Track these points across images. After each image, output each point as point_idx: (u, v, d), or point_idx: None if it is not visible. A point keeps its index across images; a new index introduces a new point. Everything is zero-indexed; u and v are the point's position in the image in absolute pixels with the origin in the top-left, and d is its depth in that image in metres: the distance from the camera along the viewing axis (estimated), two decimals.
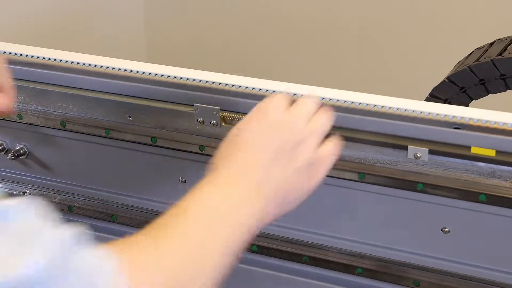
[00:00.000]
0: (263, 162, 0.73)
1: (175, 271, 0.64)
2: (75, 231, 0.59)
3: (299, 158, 0.74)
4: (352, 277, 0.96)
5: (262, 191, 0.72)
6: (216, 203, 0.70)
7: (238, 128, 0.76)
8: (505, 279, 0.88)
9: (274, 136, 0.74)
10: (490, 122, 0.82)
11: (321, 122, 0.77)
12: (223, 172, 0.73)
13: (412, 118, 0.85)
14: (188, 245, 0.66)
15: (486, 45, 1.17)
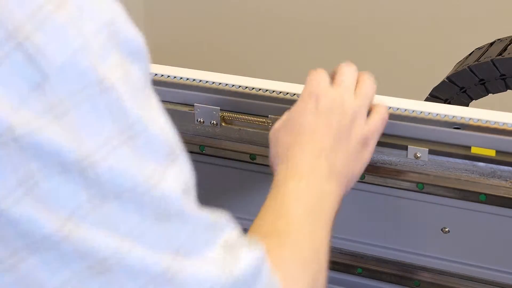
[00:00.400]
0: (328, 147, 0.75)
1: (308, 265, 0.67)
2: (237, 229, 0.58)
3: (354, 135, 0.77)
4: (352, 277, 0.96)
5: (333, 175, 0.75)
6: (307, 198, 0.72)
7: (293, 113, 0.78)
8: (505, 279, 0.88)
9: (330, 119, 0.76)
10: (490, 122, 0.82)
11: (365, 90, 0.80)
12: (295, 165, 0.74)
13: (412, 118, 0.85)
14: (304, 241, 0.68)
15: (486, 45, 1.17)
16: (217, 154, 0.96)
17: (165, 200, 0.50)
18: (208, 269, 0.52)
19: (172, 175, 0.51)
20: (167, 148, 0.50)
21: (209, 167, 0.98)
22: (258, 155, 0.93)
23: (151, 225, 0.49)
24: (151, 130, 0.48)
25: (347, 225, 0.94)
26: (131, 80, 0.47)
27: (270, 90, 0.91)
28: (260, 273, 0.55)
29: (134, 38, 0.48)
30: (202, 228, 0.54)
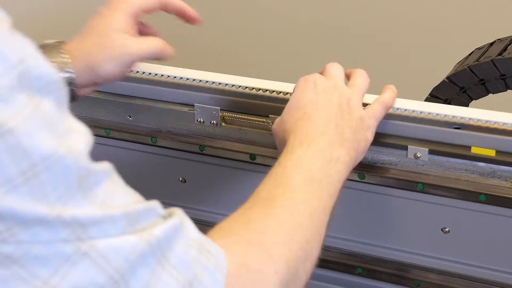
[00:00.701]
0: (334, 117, 0.78)
1: (298, 232, 0.68)
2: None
3: (353, 113, 0.80)
4: (352, 277, 0.96)
5: (344, 141, 0.77)
6: (313, 163, 0.74)
7: (293, 97, 0.81)
8: (505, 279, 0.88)
9: (330, 98, 0.80)
10: (490, 122, 0.82)
11: (357, 82, 0.84)
12: (304, 132, 0.77)
13: (412, 118, 0.85)
14: (297, 210, 0.69)
15: (486, 45, 1.17)
16: (217, 154, 0.96)
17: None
18: (127, 238, 0.53)
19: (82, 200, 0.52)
20: (77, 174, 0.51)
21: (209, 167, 0.98)
22: (258, 155, 0.93)
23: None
24: (58, 163, 0.50)
25: (347, 225, 0.94)
26: (41, 114, 0.49)
27: (270, 90, 0.91)
28: (175, 239, 0.56)
29: (46, 72, 0.50)
30: (123, 194, 0.55)
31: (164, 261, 0.55)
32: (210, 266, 0.58)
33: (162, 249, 0.55)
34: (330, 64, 0.85)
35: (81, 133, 0.53)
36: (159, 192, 1.03)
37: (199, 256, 0.58)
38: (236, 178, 0.97)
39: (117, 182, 0.56)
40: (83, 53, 0.84)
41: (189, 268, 0.56)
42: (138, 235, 0.54)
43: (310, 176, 0.73)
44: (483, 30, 1.68)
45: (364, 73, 0.86)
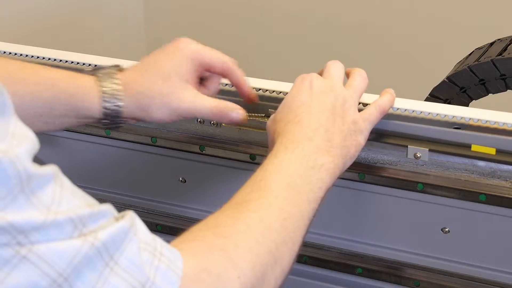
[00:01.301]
0: (325, 122, 0.78)
1: (267, 236, 0.67)
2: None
3: (347, 117, 0.80)
4: (352, 277, 0.96)
5: (329, 149, 0.77)
6: (294, 168, 0.73)
7: (288, 96, 0.81)
8: (505, 279, 0.88)
9: (324, 100, 0.79)
10: (490, 122, 0.82)
11: (355, 83, 0.84)
12: (291, 136, 0.76)
13: (412, 118, 0.85)
14: (270, 214, 0.69)
15: (486, 45, 1.17)
16: (217, 154, 0.96)
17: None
18: (71, 242, 0.53)
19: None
20: (17, 178, 0.51)
21: (209, 167, 0.98)
22: (258, 155, 0.93)
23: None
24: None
25: (347, 225, 0.94)
26: None
27: (270, 90, 0.91)
28: (124, 242, 0.56)
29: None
30: (70, 197, 0.55)
31: (112, 264, 0.55)
32: (162, 266, 0.57)
33: (110, 252, 0.55)
34: (331, 62, 0.85)
35: (24, 138, 0.53)
36: (159, 192, 1.03)
37: (152, 259, 0.57)
38: (236, 178, 0.97)
39: (65, 186, 0.55)
40: (138, 91, 0.81)
41: (141, 271, 0.56)
42: (82, 238, 0.53)
43: (289, 181, 0.72)
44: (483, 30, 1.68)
45: (363, 74, 0.85)
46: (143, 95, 0.81)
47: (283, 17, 2.14)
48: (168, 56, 0.83)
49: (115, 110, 0.81)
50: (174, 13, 2.25)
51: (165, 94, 0.81)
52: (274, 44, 2.17)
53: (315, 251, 0.97)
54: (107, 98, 0.81)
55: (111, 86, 0.81)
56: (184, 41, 0.85)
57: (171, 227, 1.03)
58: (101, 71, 0.83)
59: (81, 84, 0.81)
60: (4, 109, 0.52)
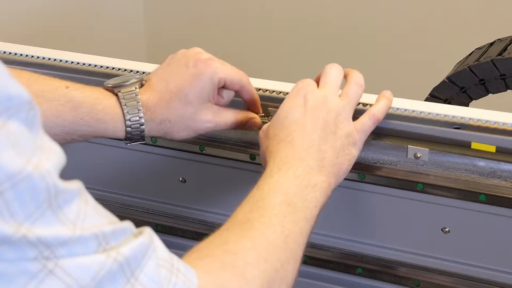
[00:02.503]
0: (317, 141, 0.78)
1: (271, 255, 0.68)
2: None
3: (340, 131, 0.80)
4: (352, 277, 0.96)
5: (322, 168, 0.77)
6: (290, 188, 0.74)
7: (282, 110, 0.81)
8: (505, 279, 0.88)
9: (317, 116, 0.79)
10: (490, 122, 0.82)
11: (350, 92, 0.83)
12: (284, 157, 0.77)
13: (412, 118, 0.85)
14: (272, 233, 0.69)
15: (486, 45, 1.17)
16: (217, 154, 0.96)
17: None
18: (95, 257, 0.53)
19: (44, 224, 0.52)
20: (46, 193, 0.51)
21: (209, 167, 0.98)
22: (258, 155, 0.93)
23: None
24: (26, 181, 0.50)
25: (347, 225, 0.94)
26: (6, 134, 0.50)
27: (270, 90, 0.91)
28: (144, 258, 0.56)
29: (15, 93, 0.51)
30: (94, 214, 0.55)
31: (133, 280, 0.55)
32: (179, 283, 0.58)
33: (132, 268, 0.55)
34: (328, 67, 0.85)
35: (52, 152, 0.53)
36: (159, 192, 1.03)
37: (170, 275, 0.58)
38: (236, 178, 0.97)
39: (89, 202, 0.55)
40: (161, 118, 0.84)
41: (160, 287, 0.56)
42: (106, 253, 0.54)
43: (286, 200, 0.73)
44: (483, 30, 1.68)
45: (360, 79, 0.84)
46: (166, 122, 0.85)
47: (283, 17, 2.14)
48: (191, 82, 0.85)
49: (138, 134, 0.84)
50: (174, 13, 2.25)
51: (187, 118, 0.85)
52: (274, 44, 2.17)
53: (315, 251, 0.97)
54: (131, 125, 0.84)
55: (135, 113, 0.83)
56: (204, 62, 0.85)
57: (171, 227, 1.03)
58: (123, 91, 0.84)
59: (104, 110, 0.83)
60: (33, 123, 0.52)
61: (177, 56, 0.87)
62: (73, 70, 0.99)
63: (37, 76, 0.86)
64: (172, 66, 0.86)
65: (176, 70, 0.85)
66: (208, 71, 0.85)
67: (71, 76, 0.98)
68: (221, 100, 0.87)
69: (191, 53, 0.86)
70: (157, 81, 0.86)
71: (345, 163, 0.80)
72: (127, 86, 0.85)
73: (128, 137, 0.85)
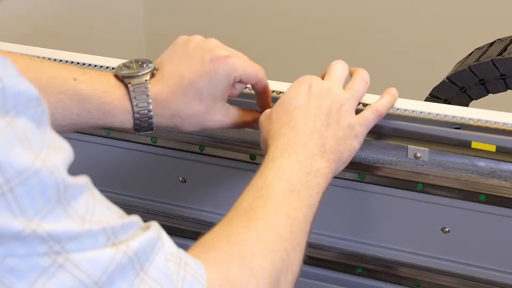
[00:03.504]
0: (319, 127, 0.78)
1: (277, 244, 0.68)
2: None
3: (342, 121, 0.80)
4: (352, 277, 0.96)
5: (324, 154, 0.77)
6: (293, 174, 0.74)
7: (286, 95, 0.81)
8: (505, 279, 0.88)
9: (321, 104, 0.79)
10: (490, 122, 0.82)
11: (355, 87, 0.83)
12: (286, 141, 0.77)
13: (412, 118, 0.85)
14: (278, 221, 0.69)
15: (486, 45, 1.17)
16: (217, 154, 0.96)
17: None
18: (104, 251, 0.53)
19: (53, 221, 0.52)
20: (55, 188, 0.52)
21: (209, 167, 0.98)
22: (258, 155, 0.93)
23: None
24: (34, 177, 0.50)
25: (347, 225, 0.94)
26: (14, 131, 0.50)
27: (270, 90, 0.91)
28: (153, 252, 0.57)
29: (23, 90, 0.51)
30: (102, 208, 0.56)
31: (142, 274, 0.55)
32: (188, 277, 0.58)
33: (141, 262, 0.55)
34: (334, 62, 0.85)
35: (60, 149, 0.53)
36: (159, 192, 1.03)
37: (178, 269, 0.58)
38: (236, 178, 0.97)
39: (96, 196, 0.55)
40: (171, 113, 0.83)
41: (170, 281, 0.57)
42: (115, 247, 0.54)
43: (289, 187, 0.73)
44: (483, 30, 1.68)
45: (365, 76, 0.85)
46: (176, 117, 0.84)
47: (283, 17, 2.14)
48: (206, 80, 0.83)
49: (147, 126, 0.83)
50: (174, 13, 2.25)
51: (198, 115, 0.84)
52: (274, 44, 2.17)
53: (315, 251, 0.97)
54: (139, 118, 0.82)
55: (144, 106, 0.82)
56: (221, 60, 0.84)
57: (171, 227, 1.03)
58: (134, 83, 0.82)
59: (113, 103, 0.82)
60: (41, 119, 0.52)
61: (191, 45, 0.85)
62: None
63: (45, 64, 0.84)
64: (188, 58, 0.84)
65: (191, 64, 0.83)
66: (224, 70, 0.83)
67: None
68: (234, 91, 0.86)
69: (207, 47, 0.85)
70: (170, 73, 0.84)
71: (345, 152, 0.80)
72: (138, 78, 0.83)
73: (136, 129, 0.83)
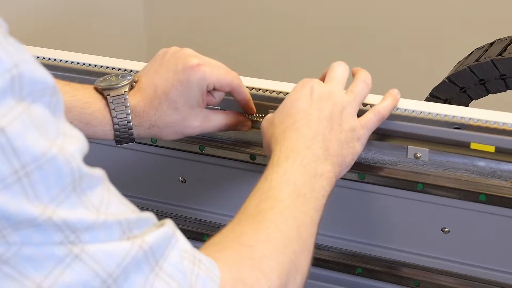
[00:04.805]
0: (323, 130, 0.78)
1: (286, 246, 0.68)
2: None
3: (345, 124, 0.80)
4: (352, 277, 0.96)
5: (329, 156, 0.77)
6: (298, 177, 0.74)
7: (288, 100, 0.81)
8: (505, 279, 0.88)
9: (323, 107, 0.80)
10: (490, 122, 0.82)
11: (357, 89, 0.84)
12: (290, 145, 0.77)
13: (412, 118, 0.85)
14: (285, 224, 0.69)
15: (486, 45, 1.17)
16: (217, 154, 0.96)
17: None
18: (120, 244, 0.53)
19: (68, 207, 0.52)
20: (70, 176, 0.52)
21: (209, 167, 0.98)
22: (258, 155, 0.93)
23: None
24: (50, 163, 0.51)
25: (347, 225, 0.94)
26: (31, 117, 0.50)
27: (270, 90, 0.91)
28: (168, 247, 0.57)
29: (40, 78, 0.51)
30: (117, 202, 0.56)
31: (157, 269, 0.55)
32: (202, 274, 0.58)
33: (156, 257, 0.55)
34: (335, 64, 0.85)
35: (74, 138, 0.53)
36: (159, 192, 1.03)
37: (192, 266, 0.58)
38: (236, 178, 0.97)
39: (111, 190, 0.56)
40: (150, 123, 0.85)
41: (185, 277, 0.57)
42: (131, 241, 0.54)
43: (296, 190, 0.73)
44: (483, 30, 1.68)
45: (367, 78, 0.85)
46: (154, 127, 0.86)
47: (283, 17, 2.14)
48: (178, 89, 0.84)
49: (127, 137, 0.85)
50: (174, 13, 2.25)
51: (176, 124, 0.85)
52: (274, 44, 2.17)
53: (315, 251, 0.96)
54: (119, 129, 0.84)
55: (123, 117, 0.84)
56: (192, 68, 0.84)
57: None
58: (112, 95, 0.85)
59: (94, 114, 0.84)
60: (55, 108, 0.52)
61: (167, 56, 0.86)
62: (73, 70, 0.99)
63: None
64: (162, 69, 0.86)
65: (165, 74, 0.85)
66: (195, 78, 0.84)
67: (71, 76, 0.98)
68: (212, 100, 0.87)
69: (181, 56, 0.86)
70: (146, 84, 0.86)
71: (348, 156, 0.80)
72: (117, 90, 0.85)
73: (117, 140, 0.86)
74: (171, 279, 0.56)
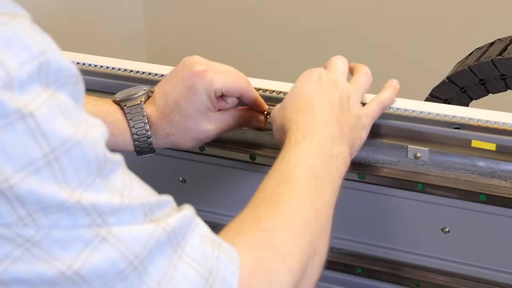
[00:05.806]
0: (335, 112, 0.79)
1: (306, 229, 0.68)
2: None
3: (352, 110, 0.81)
4: (352, 277, 0.96)
5: (343, 137, 0.78)
6: (316, 158, 0.74)
7: (297, 84, 0.81)
8: (505, 279, 0.88)
9: (332, 92, 0.80)
10: (490, 122, 0.82)
11: (359, 80, 0.85)
12: (306, 124, 0.77)
13: (412, 118, 0.85)
14: (304, 206, 0.69)
15: (486, 45, 1.17)
16: (217, 154, 0.96)
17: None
18: (144, 226, 0.54)
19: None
20: (96, 160, 0.53)
21: (209, 167, 0.98)
22: (258, 155, 0.93)
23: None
24: (77, 147, 0.52)
25: (347, 225, 0.94)
26: (57, 103, 0.51)
27: (270, 90, 0.91)
28: (189, 230, 0.58)
29: (64, 66, 0.53)
30: (138, 186, 0.57)
31: (180, 251, 0.56)
32: (223, 257, 0.59)
33: (178, 239, 0.57)
34: (335, 57, 0.86)
35: (96, 125, 0.54)
36: (159, 192, 1.03)
37: (213, 249, 0.59)
38: (236, 178, 0.97)
39: (131, 174, 0.57)
40: (166, 133, 0.87)
41: (207, 259, 0.58)
42: (155, 223, 0.55)
43: (313, 172, 0.73)
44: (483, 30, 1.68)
45: (368, 71, 0.86)
46: (171, 136, 0.87)
47: (283, 17, 2.14)
48: (187, 97, 0.85)
49: (146, 147, 0.87)
50: (174, 13, 2.25)
51: (190, 130, 0.86)
52: (274, 44, 2.17)
53: None
54: (138, 139, 0.86)
55: (141, 127, 0.86)
56: (197, 75, 0.85)
57: None
58: (129, 105, 0.86)
59: (114, 123, 0.86)
60: (77, 97, 0.54)
61: (179, 66, 0.88)
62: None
63: None
64: (172, 78, 0.87)
65: (175, 83, 0.86)
66: (202, 85, 0.84)
67: None
68: (225, 105, 0.87)
69: (188, 64, 0.86)
70: (159, 94, 0.87)
71: (357, 140, 0.81)
72: (133, 100, 0.87)
73: (137, 150, 0.87)
74: (193, 261, 0.57)
